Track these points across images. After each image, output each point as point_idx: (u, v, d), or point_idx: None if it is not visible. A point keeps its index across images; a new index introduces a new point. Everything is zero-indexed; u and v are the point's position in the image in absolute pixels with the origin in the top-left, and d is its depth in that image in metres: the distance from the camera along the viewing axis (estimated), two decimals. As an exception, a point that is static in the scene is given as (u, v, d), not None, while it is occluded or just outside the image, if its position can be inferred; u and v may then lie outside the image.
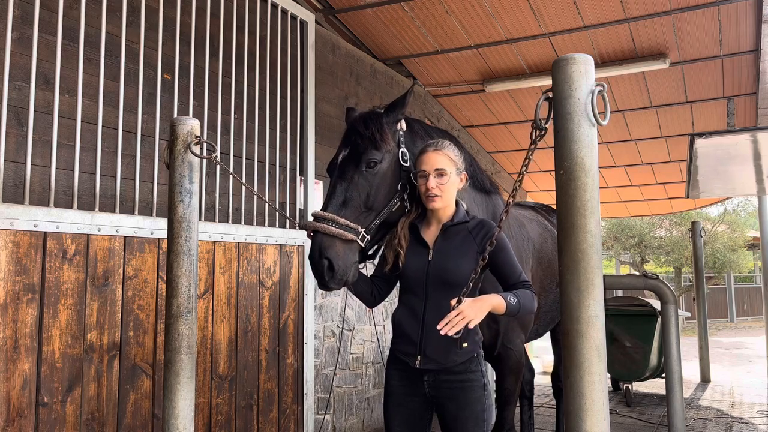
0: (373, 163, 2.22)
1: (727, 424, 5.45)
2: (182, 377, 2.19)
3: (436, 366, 2.15)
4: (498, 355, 2.83)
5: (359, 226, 2.17)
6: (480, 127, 7.42)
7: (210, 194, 3.59)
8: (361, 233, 2.17)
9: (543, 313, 3.37)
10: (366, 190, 2.21)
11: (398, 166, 2.31)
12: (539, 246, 3.34)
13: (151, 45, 3.27)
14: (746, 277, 23.11)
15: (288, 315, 3.95)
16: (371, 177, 2.22)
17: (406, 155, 2.33)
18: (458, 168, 2.26)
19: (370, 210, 2.23)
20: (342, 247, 2.14)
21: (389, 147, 2.28)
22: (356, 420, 4.82)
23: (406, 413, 2.24)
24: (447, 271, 2.16)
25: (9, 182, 2.63)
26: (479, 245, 2.18)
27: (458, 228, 2.25)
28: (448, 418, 2.17)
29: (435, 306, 2.14)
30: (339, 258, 2.13)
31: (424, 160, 2.23)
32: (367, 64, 5.40)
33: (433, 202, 2.20)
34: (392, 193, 2.28)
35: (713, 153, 5.12)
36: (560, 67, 1.53)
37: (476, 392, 2.15)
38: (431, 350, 2.14)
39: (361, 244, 2.18)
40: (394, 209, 2.29)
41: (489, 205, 2.84)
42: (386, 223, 2.31)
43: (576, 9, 4.84)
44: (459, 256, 2.18)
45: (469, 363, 2.16)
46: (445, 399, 2.16)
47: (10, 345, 2.51)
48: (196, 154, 2.24)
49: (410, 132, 2.43)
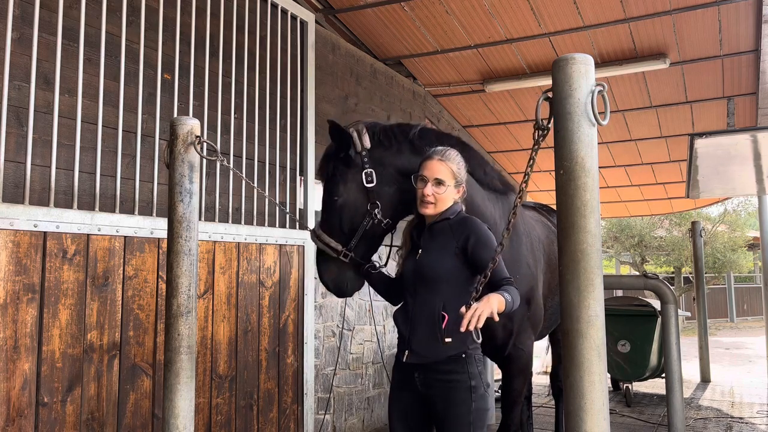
0: (335, 198, 2.49)
1: (727, 424, 5.45)
2: (182, 377, 2.19)
3: (421, 360, 2.20)
4: (508, 355, 2.82)
5: (339, 245, 2.46)
6: (480, 127, 7.42)
7: (210, 194, 3.59)
8: (343, 251, 2.45)
9: (549, 315, 3.34)
10: (338, 218, 2.49)
11: (363, 191, 2.48)
12: (548, 248, 3.32)
13: (151, 45, 3.27)
14: (746, 277, 23.10)
15: (288, 315, 3.95)
16: (337, 208, 2.50)
17: (372, 175, 2.46)
18: (457, 180, 2.30)
19: (346, 233, 2.49)
20: (335, 268, 2.50)
21: (345, 180, 2.49)
22: (356, 420, 4.82)
23: (401, 407, 2.31)
24: (425, 267, 2.23)
25: (9, 182, 2.63)
26: (458, 242, 2.22)
27: (441, 225, 2.29)
28: (436, 416, 2.23)
29: (421, 302, 2.23)
30: (331, 279, 2.52)
31: (426, 166, 2.27)
32: (367, 64, 5.40)
33: (426, 209, 2.27)
34: (360, 216, 2.47)
35: (713, 153, 5.12)
36: (560, 67, 1.53)
37: (461, 393, 2.17)
38: (416, 344, 2.21)
39: (345, 260, 2.46)
40: (368, 228, 2.47)
41: (506, 205, 2.81)
42: (370, 237, 2.50)
43: (576, 9, 4.84)
44: (437, 253, 2.24)
45: (455, 363, 2.18)
46: (434, 397, 2.21)
47: (10, 345, 2.51)
48: (201, 154, 2.25)
49: (380, 146, 2.52)
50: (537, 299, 2.93)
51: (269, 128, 3.99)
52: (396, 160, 2.51)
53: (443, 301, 2.18)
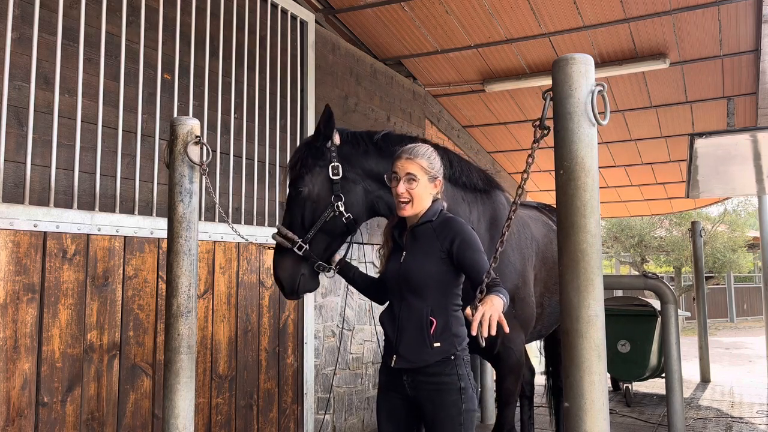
0: (299, 189, 2.52)
1: (727, 424, 5.45)
2: (182, 377, 2.19)
3: (409, 365, 2.18)
4: (498, 354, 2.82)
5: (295, 237, 2.47)
6: (480, 127, 7.42)
7: (210, 194, 3.59)
8: (298, 243, 2.46)
9: (548, 314, 3.33)
10: (300, 211, 2.53)
11: (328, 182, 2.53)
12: (543, 247, 3.31)
13: (151, 45, 3.27)
14: (746, 277, 23.10)
15: (288, 315, 3.95)
16: (300, 200, 2.53)
17: (338, 168, 2.53)
18: (431, 175, 2.27)
19: (306, 226, 2.52)
20: (289, 263, 2.49)
21: (313, 171, 2.53)
22: (356, 420, 4.82)
23: (389, 408, 2.30)
24: (410, 272, 2.20)
25: (9, 182, 2.63)
26: (444, 245, 2.19)
27: (424, 228, 2.26)
28: (427, 419, 2.21)
29: (406, 307, 2.21)
30: (285, 273, 2.49)
31: (396, 164, 2.28)
32: (367, 64, 5.40)
33: (403, 210, 2.24)
34: (323, 207, 2.52)
35: (713, 153, 5.12)
36: (560, 67, 1.53)
37: (451, 395, 2.15)
38: (404, 349, 2.19)
39: (299, 252, 2.46)
40: (328, 219, 2.51)
41: (488, 204, 2.83)
42: (330, 232, 2.54)
43: (576, 9, 4.84)
44: (422, 257, 2.21)
45: (444, 365, 2.16)
46: (423, 400, 2.19)
47: (10, 345, 2.51)
48: (195, 162, 2.25)
49: (349, 144, 2.61)
50: (525, 298, 2.92)
51: (269, 128, 3.99)
52: (362, 160, 2.59)
53: (430, 306, 2.16)
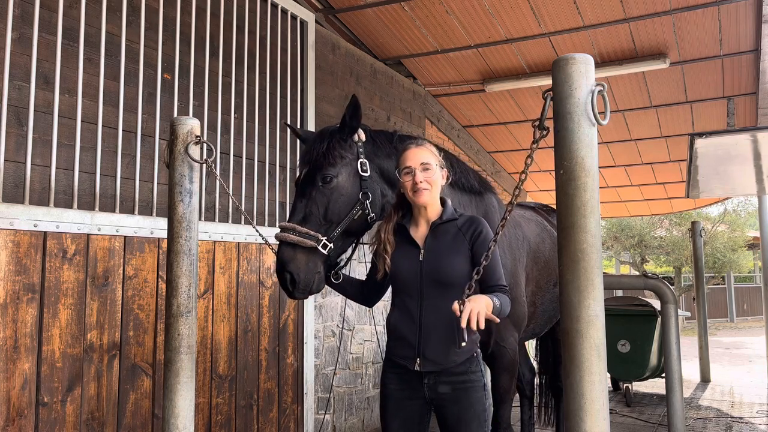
0: (329, 178, 2.34)
1: (727, 424, 5.45)
2: (182, 377, 2.19)
3: (436, 367, 2.13)
4: (492, 353, 2.84)
5: (319, 234, 2.29)
6: (480, 126, 7.42)
7: (210, 194, 3.59)
8: (323, 241, 2.28)
9: (540, 312, 3.36)
10: (324, 204, 2.34)
11: (357, 177, 2.42)
12: (535, 246, 3.35)
13: (151, 45, 3.27)
14: (746, 277, 23.11)
15: (288, 315, 3.95)
16: (327, 191, 2.34)
17: (366, 165, 2.43)
18: (440, 164, 2.26)
19: (330, 221, 2.34)
20: (304, 259, 2.27)
21: (344, 161, 2.39)
22: (356, 420, 4.82)
23: (405, 417, 2.21)
24: (440, 271, 2.13)
25: (9, 182, 2.63)
26: (470, 242, 2.17)
27: (448, 226, 2.22)
28: (451, 420, 2.14)
29: (431, 307, 2.12)
30: (301, 270, 2.26)
31: (408, 156, 2.21)
32: (367, 63, 5.40)
33: (422, 196, 2.16)
34: (352, 202, 2.39)
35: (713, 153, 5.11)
36: (560, 66, 1.53)
37: (478, 392, 2.14)
38: (430, 352, 2.12)
39: (324, 251, 2.29)
40: (356, 217, 2.39)
41: (480, 206, 2.85)
42: (349, 231, 2.41)
43: (576, 9, 4.84)
44: (451, 255, 2.15)
45: (469, 363, 2.15)
46: (446, 401, 2.14)
47: (10, 345, 2.51)
48: (195, 159, 2.24)
49: (372, 143, 2.53)
50: (517, 298, 2.93)
51: (269, 128, 3.99)
52: (382, 161, 2.53)
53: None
